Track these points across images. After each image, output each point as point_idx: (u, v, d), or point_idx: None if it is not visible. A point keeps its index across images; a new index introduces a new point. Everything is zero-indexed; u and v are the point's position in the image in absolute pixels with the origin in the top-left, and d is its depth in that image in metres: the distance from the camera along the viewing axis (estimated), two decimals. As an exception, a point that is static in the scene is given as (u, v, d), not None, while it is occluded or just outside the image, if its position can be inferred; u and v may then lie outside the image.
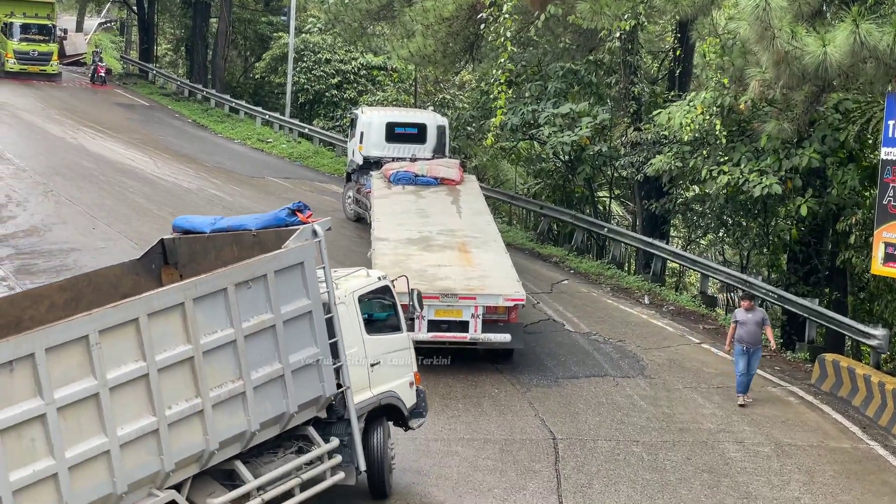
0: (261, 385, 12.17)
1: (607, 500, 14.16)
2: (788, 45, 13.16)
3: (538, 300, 23.43)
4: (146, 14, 58.65)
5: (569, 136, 28.45)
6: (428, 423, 15.86)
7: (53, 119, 42.24)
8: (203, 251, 14.00)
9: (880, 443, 16.84)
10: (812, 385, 19.49)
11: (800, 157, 21.83)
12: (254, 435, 12.19)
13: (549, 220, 31.51)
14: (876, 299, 23.77)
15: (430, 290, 18.49)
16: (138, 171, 34.22)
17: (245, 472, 12.17)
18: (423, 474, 14.84)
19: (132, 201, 29.42)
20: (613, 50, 29.97)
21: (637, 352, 20.81)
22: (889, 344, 20.05)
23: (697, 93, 24.62)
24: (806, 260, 24.31)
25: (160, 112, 47.28)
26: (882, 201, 18.39)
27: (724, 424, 17.19)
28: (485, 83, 32.39)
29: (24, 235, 26.92)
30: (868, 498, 14.69)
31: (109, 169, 34.23)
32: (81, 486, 10.49)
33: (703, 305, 25.99)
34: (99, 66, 53.34)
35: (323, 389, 12.90)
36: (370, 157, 27.94)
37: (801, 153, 21.90)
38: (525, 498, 14.16)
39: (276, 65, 47.98)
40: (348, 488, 13.32)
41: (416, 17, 30.89)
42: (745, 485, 14.83)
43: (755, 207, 24.13)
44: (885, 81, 13.93)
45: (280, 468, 12.54)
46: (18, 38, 50.68)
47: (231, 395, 11.84)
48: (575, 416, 17.18)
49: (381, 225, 21.93)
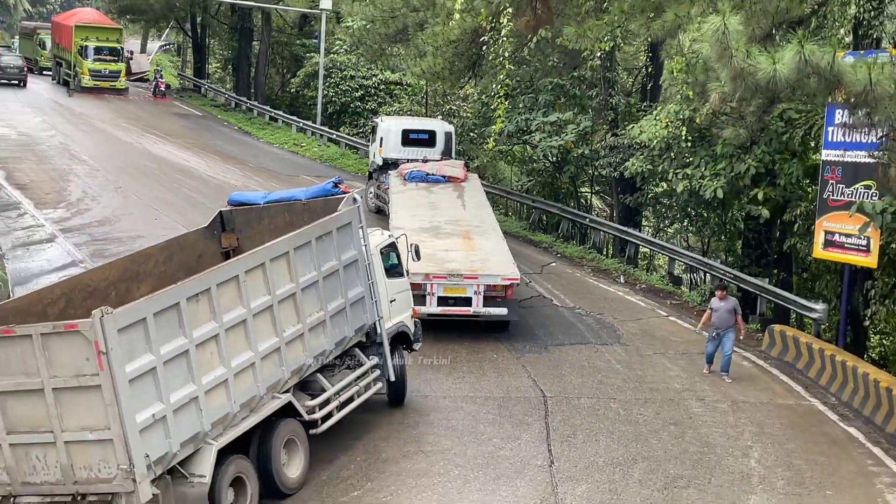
0: (333, 315, 13.57)
1: (589, 448, 14.17)
2: (744, 63, 13.06)
3: (530, 279, 23.42)
4: (199, 38, 58.62)
5: (556, 140, 28.44)
6: (437, 382, 16.50)
7: (121, 127, 42.31)
8: (257, 218, 15.13)
9: (820, 400, 16.86)
10: (763, 351, 19.49)
11: (749, 161, 21.87)
12: (329, 353, 13.59)
13: (540, 212, 31.46)
14: (817, 279, 23.78)
15: (439, 270, 18.54)
16: (192, 170, 34.25)
17: (325, 382, 13.50)
18: (434, 425, 14.88)
19: (188, 196, 29.43)
20: (594, 67, 29.95)
21: (614, 323, 20.81)
22: (827, 317, 20.04)
23: (664, 106, 24.60)
24: (757, 245, 24.30)
25: (211, 121, 47.28)
26: (823, 195, 18.37)
27: (688, 385, 17.18)
28: (485, 96, 32.36)
29: (97, 225, 26.97)
30: (809, 446, 14.69)
31: (168, 169, 34.28)
32: (241, 389, 11.73)
33: (671, 284, 26.03)
34: (159, 81, 53.47)
35: (367, 319, 14.45)
36: (388, 159, 27.93)
37: (750, 157, 21.88)
38: (519, 446, 14.18)
39: (309, 80, 47.89)
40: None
41: (427, 40, 30.81)
42: (706, 435, 14.84)
43: (714, 201, 24.09)
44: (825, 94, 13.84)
45: (344, 379, 13.88)
46: (92, 59, 50.76)
47: (317, 322, 13.25)
48: (561, 378, 17.18)
49: (398, 216, 21.93)
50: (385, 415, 15.22)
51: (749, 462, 13.92)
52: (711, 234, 26.83)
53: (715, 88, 15.87)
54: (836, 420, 15.90)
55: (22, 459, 10.46)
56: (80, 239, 25.73)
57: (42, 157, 35.39)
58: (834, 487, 13.23)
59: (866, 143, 16.85)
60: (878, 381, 16.09)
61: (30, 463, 10.47)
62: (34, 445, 10.39)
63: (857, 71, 12.70)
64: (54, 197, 30.00)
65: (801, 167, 21.91)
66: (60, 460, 10.31)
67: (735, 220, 24.26)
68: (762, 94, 14.46)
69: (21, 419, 10.37)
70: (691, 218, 26.69)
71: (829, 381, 17.41)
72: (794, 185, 22.10)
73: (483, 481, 12.99)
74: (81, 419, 10.15)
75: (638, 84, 33.17)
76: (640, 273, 26.50)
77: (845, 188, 17.84)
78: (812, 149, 21.55)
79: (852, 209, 16.98)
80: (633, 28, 22.85)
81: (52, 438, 10.27)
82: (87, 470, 10.29)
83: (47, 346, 10.03)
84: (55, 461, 10.35)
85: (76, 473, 10.32)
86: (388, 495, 12.60)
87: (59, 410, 10.16)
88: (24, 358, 10.15)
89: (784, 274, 23.82)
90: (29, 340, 10.08)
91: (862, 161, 17.30)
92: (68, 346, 9.99)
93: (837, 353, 17.60)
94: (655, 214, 30.24)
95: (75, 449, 10.27)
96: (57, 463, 10.34)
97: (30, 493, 10.60)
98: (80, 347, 9.92)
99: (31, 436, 10.38)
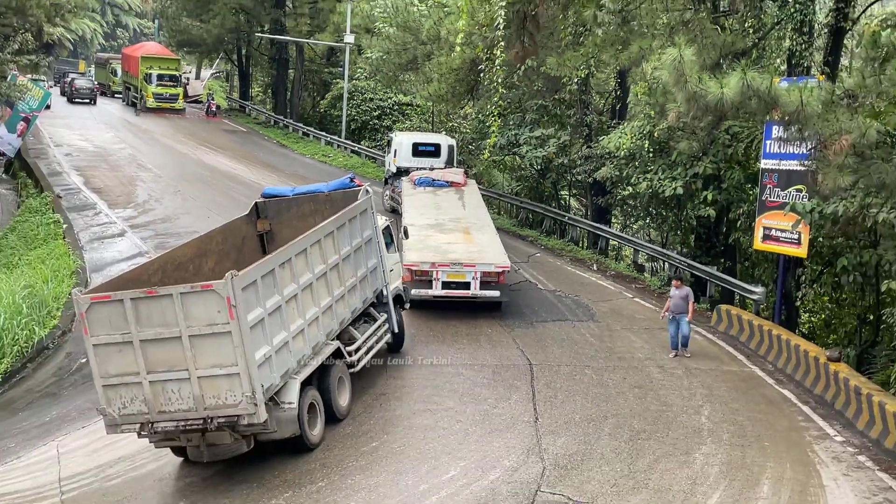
0: (360, 280, 14.57)
1: (567, 407, 14.19)
2: (696, 87, 13.00)
3: (519, 267, 23.41)
4: (244, 67, 58.47)
5: (540, 152, 28.40)
6: (441, 352, 16.61)
7: (180, 141, 42.32)
8: (287, 207, 15.85)
9: (759, 367, 16.85)
10: (712, 327, 19.47)
11: (700, 167, 21.85)
12: (358, 310, 14.59)
13: (527, 211, 31.41)
14: (756, 267, 23.73)
15: (443, 260, 18.53)
16: (239, 177, 34.24)
17: (355, 333, 14.45)
18: (439, 388, 14.90)
19: (235, 198, 29.43)
20: (572, 91, 29.84)
21: (588, 303, 20.80)
22: (765, 298, 20.02)
23: (630, 122, 24.54)
24: (707, 239, 24.24)
25: (254, 136, 47.26)
26: (762, 197, 18.35)
27: (650, 354, 17.17)
28: (481, 115, 32.26)
29: (160, 222, 27.04)
30: (750, 405, 14.70)
31: (219, 175, 34.30)
32: (311, 335, 12.68)
33: (635, 271, 26.00)
34: (211, 103, 53.43)
35: (379, 284, 15.48)
36: (401, 167, 27.91)
37: (701, 164, 21.87)
38: (510, 405, 14.20)
39: (335, 102, 47.79)
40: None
41: (433, 69, 30.80)
42: (664, 396, 14.86)
43: (671, 203, 24.07)
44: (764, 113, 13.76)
45: (368, 330, 14.81)
46: (155, 84, 50.77)
47: (352, 286, 14.22)
48: (545, 349, 17.19)
49: (409, 214, 21.91)
50: (398, 379, 15.28)
51: (700, 418, 13.93)
52: (669, 230, 26.76)
53: (672, 108, 15.83)
54: (773, 384, 15.91)
55: (159, 393, 11.14)
56: (146, 234, 25.79)
57: (114, 166, 35.43)
58: (770, 439, 13.25)
59: (798, 154, 16.75)
60: (807, 351, 16.10)
61: (166, 395, 11.15)
62: (170, 381, 11.10)
63: (790, 94, 12.67)
64: (124, 199, 30.05)
65: (744, 174, 21.87)
66: (193, 392, 11.04)
67: (689, 218, 24.19)
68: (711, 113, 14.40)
69: (159, 361, 11.06)
70: (652, 216, 26.63)
71: (766, 351, 17.42)
72: (738, 188, 22.06)
73: (480, 434, 13.03)
74: (212, 358, 10.97)
75: (608, 104, 32.98)
76: (609, 262, 26.47)
77: (781, 191, 17.82)
78: (753, 158, 21.49)
79: (786, 209, 16.96)
80: (604, 58, 22.90)
81: (187, 375, 11.01)
82: (216, 398, 11.05)
83: (185, 302, 10.87)
84: (188, 393, 11.06)
85: (206, 401, 11.07)
86: (401, 446, 12.66)
87: (194, 353, 10.95)
88: (163, 313, 10.92)
89: (729, 263, 23.78)
90: (169, 299, 10.91)
91: (794, 169, 17.27)
92: (203, 302, 10.86)
93: (773, 328, 17.60)
94: (623, 213, 30.14)
95: (206, 382, 11.04)
96: (190, 394, 11.06)
97: (166, 419, 11.25)
98: (213, 302, 10.82)
99: (168, 374, 11.08)
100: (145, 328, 10.94)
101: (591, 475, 11.72)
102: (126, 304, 10.91)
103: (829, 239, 19.44)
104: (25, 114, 35.40)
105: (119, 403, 11.18)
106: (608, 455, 12.37)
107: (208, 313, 10.84)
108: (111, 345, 11.04)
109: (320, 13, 49.82)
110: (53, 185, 31.40)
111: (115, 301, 10.97)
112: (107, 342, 11.04)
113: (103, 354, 11.08)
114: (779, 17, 20.94)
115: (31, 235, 26.44)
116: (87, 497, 11.86)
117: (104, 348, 11.06)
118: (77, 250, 24.21)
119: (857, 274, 18.38)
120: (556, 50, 24.41)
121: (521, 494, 11.17)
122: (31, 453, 13.80)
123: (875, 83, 12.44)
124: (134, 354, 10.98)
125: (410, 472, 11.81)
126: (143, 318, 10.93)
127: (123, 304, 10.93)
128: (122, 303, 10.93)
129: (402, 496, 11.19)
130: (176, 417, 11.17)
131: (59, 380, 17.33)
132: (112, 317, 10.97)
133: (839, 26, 20.22)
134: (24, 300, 19.50)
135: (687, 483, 11.58)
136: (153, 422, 11.23)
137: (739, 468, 12.13)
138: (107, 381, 11.12)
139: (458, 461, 12.11)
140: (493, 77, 25.54)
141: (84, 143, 40.00)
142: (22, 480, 12.73)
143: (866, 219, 15.38)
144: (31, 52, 33.91)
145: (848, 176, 12.90)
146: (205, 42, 53.12)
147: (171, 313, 10.88)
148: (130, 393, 11.12)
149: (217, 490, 11.69)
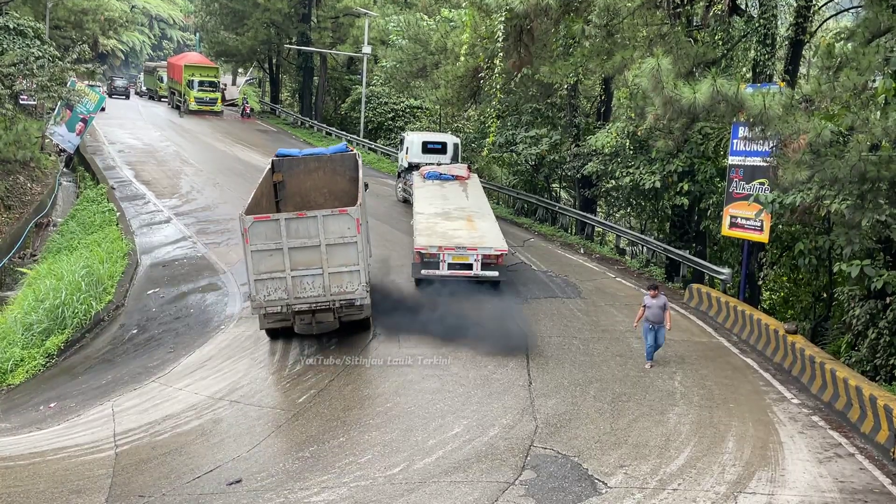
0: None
1: (557, 372, 14.21)
2: (672, 93, 12.94)
3: (515, 251, 23.37)
4: (274, 74, 58.32)
5: (534, 149, 28.24)
6: (447, 325, 16.13)
7: (218, 139, 42.25)
8: (296, 164, 18.00)
9: (725, 338, 16.83)
10: (684, 303, 19.44)
11: (674, 164, 21.77)
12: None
13: (522, 202, 31.31)
14: (724, 251, 23.70)
15: (448, 244, 18.49)
16: (270, 171, 34.19)
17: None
18: (444, 356, 14.86)
19: (266, 190, 29.43)
20: (563, 95, 29.67)
21: (576, 282, 20.77)
22: (731, 278, 19.98)
23: (613, 123, 24.42)
24: (681, 226, 24.18)
25: (283, 135, 47.17)
26: (729, 189, 18.26)
27: (630, 327, 17.10)
28: (483, 116, 32.14)
29: (201, 211, 27.03)
30: (718, 372, 14.70)
31: (252, 170, 34.18)
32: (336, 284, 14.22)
33: (617, 254, 25.90)
34: (245, 106, 53.31)
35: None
36: (412, 163, 27.80)
37: (676, 160, 21.79)
38: (508, 370, 14.24)
39: (354, 105, 47.66)
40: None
41: (441, 76, 30.69)
42: (642, 363, 14.86)
43: (650, 194, 23.98)
44: (731, 115, 13.71)
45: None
46: (197, 89, 50.66)
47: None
48: (538, 322, 17.18)
49: (419, 204, 21.85)
50: (408, 349, 15.24)
51: (674, 383, 13.95)
52: (647, 218, 26.72)
53: (651, 111, 15.75)
54: (738, 353, 15.90)
55: (297, 284, 13.83)
56: (189, 221, 25.80)
57: (160, 161, 35.42)
58: (735, 402, 13.25)
59: (761, 151, 16.75)
60: (767, 325, 16.07)
61: (302, 286, 13.84)
62: (307, 276, 13.80)
63: (754, 99, 12.60)
64: (170, 190, 30.05)
65: (714, 168, 21.78)
66: (324, 283, 13.85)
67: (665, 208, 24.14)
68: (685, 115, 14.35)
69: (300, 262, 13.75)
70: (633, 206, 26.58)
71: (732, 324, 17.39)
72: (709, 181, 21.97)
73: (481, 396, 13.06)
74: (340, 260, 13.83)
75: (595, 108, 32.81)
76: (595, 246, 26.39)
77: (745, 184, 17.73)
78: (722, 155, 21.41)
79: (750, 200, 16.89)
80: (591, 67, 22.74)
81: (321, 271, 13.82)
82: (339, 287, 13.94)
83: (324, 221, 13.69)
84: (320, 284, 13.84)
85: (332, 290, 13.92)
86: (412, 406, 12.70)
87: (327, 256, 13.79)
88: (307, 228, 13.66)
89: (700, 247, 23.72)
90: (314, 219, 13.68)
91: (758, 164, 17.20)
92: (337, 221, 13.75)
93: (738, 305, 17.56)
94: (607, 203, 30.05)
95: (333, 277, 13.88)
96: (321, 285, 13.84)
97: (300, 302, 13.95)
98: (345, 221, 13.76)
99: (306, 271, 13.81)
100: (293, 238, 13.54)
101: (577, 432, 11.75)
102: (281, 222, 13.57)
103: (787, 226, 19.42)
104: (83, 115, 35.37)
105: (265, 292, 13.76)
106: (593, 415, 12.39)
107: (341, 229, 13.67)
108: (264, 251, 13.58)
109: (341, 27, 49.64)
110: (108, 178, 31.44)
111: (273, 220, 13.60)
112: (262, 249, 13.59)
113: (257, 258, 13.59)
114: (745, 30, 20.80)
115: (89, 222, 26.52)
116: (138, 450, 11.94)
117: (258, 253, 13.59)
118: (129, 235, 24.27)
119: (812, 257, 18.36)
120: (548, 60, 24.31)
121: (516, 449, 11.21)
122: (90, 411, 13.91)
123: (829, 89, 12.39)
124: (283, 258, 13.54)
125: (420, 429, 11.85)
126: (291, 231, 13.55)
127: (279, 222, 13.57)
128: (278, 221, 13.58)
129: (413, 450, 11.23)
130: (308, 301, 13.85)
131: (113, 348, 17.43)
132: (268, 231, 13.52)
133: (798, 39, 20.08)
134: (83, 278, 19.62)
135: (662, 439, 11.61)
136: (290, 304, 13.80)
137: (708, 427, 12.14)
138: (258, 276, 13.65)
139: (462, 420, 12.15)
140: (493, 83, 25.49)
141: (135, 142, 39.98)
142: (82, 435, 12.83)
143: (821, 208, 15.32)
144: (88, 61, 34.01)
145: (805, 171, 12.86)
146: (240, 52, 52.95)
147: (313, 228, 13.56)
148: (275, 284, 13.69)
149: (251, 444, 11.74)
